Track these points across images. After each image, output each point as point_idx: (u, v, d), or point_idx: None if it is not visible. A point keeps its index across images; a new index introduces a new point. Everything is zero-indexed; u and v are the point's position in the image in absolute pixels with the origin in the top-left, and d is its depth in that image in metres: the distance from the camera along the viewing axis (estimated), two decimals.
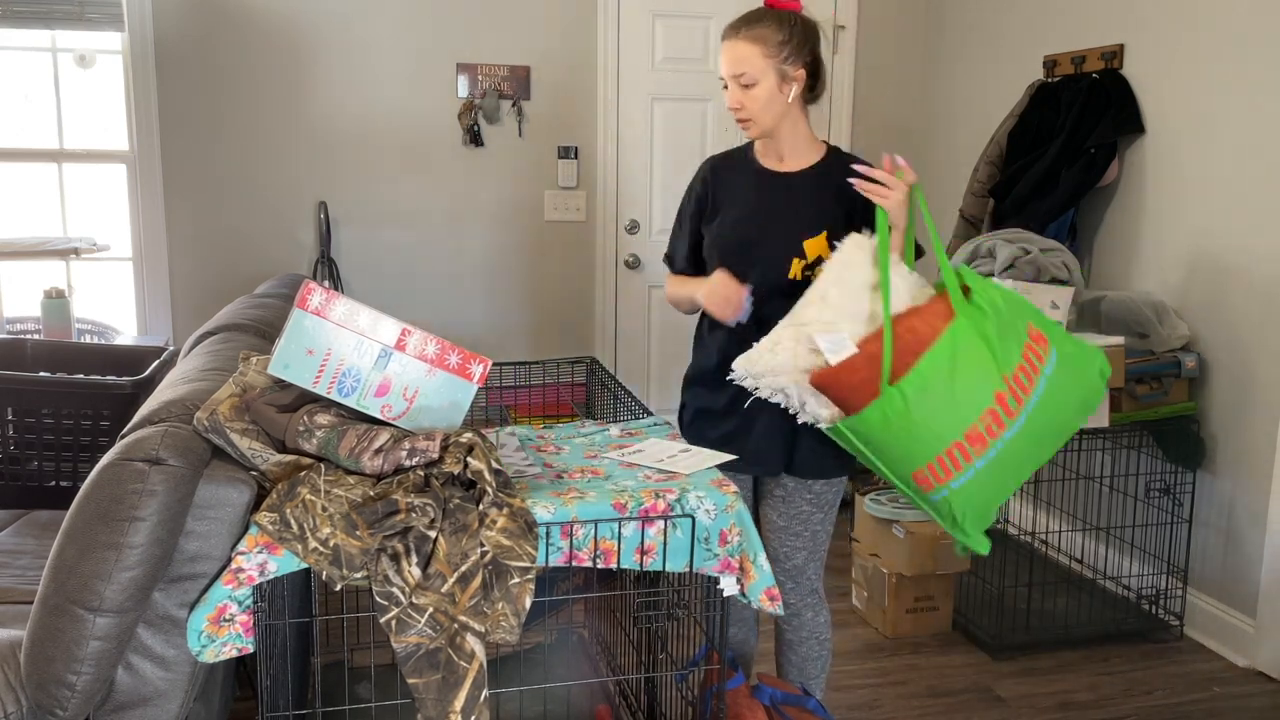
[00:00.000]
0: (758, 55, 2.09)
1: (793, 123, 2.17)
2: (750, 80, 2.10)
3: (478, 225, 4.36)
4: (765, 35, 2.10)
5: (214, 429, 1.77)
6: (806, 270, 2.12)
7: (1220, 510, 3.14)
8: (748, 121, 2.14)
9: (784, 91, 2.11)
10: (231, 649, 1.73)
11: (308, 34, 4.08)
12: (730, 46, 2.11)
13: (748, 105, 2.11)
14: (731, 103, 2.13)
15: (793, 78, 2.11)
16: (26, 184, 4.07)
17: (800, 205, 2.16)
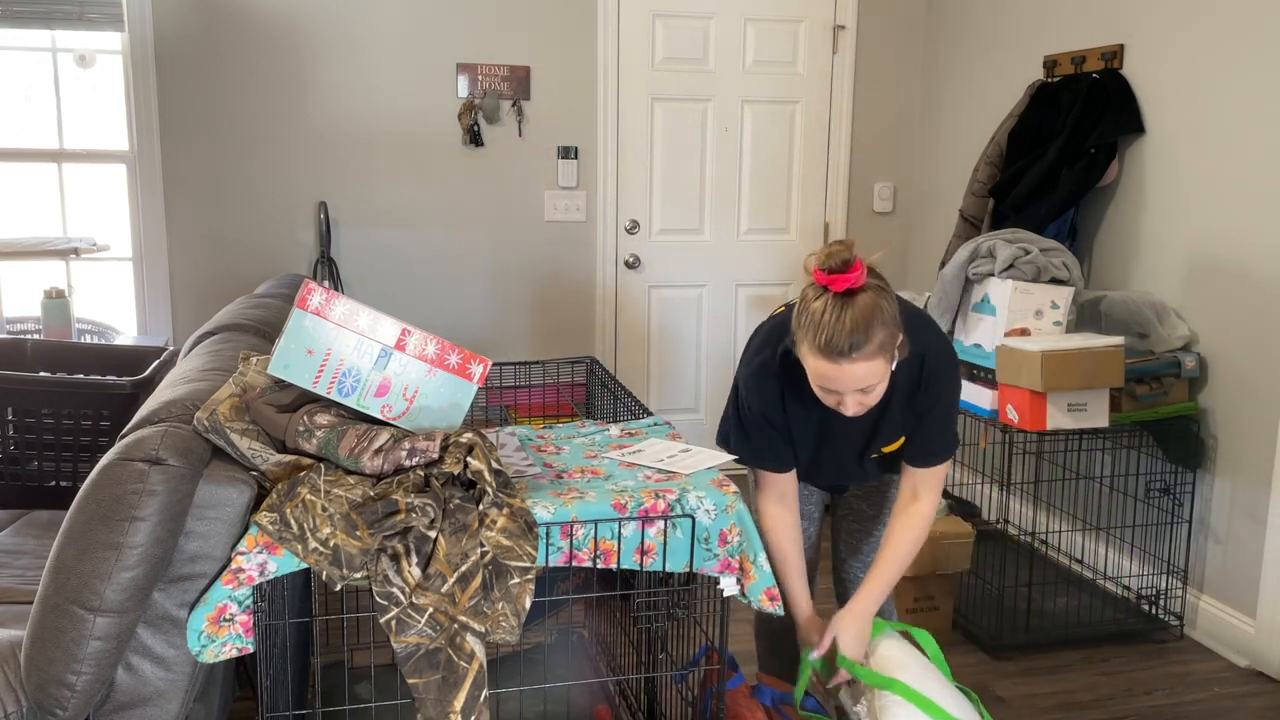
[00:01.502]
0: (882, 364, 1.88)
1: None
2: (875, 384, 1.90)
3: (478, 225, 4.36)
4: (884, 342, 1.86)
5: (214, 429, 1.77)
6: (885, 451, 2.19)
7: (1220, 510, 3.14)
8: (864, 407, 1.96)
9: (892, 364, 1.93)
10: (231, 649, 1.73)
11: (308, 34, 4.08)
12: (847, 369, 1.85)
13: (868, 402, 1.93)
14: (852, 410, 1.93)
15: (899, 348, 1.93)
16: (26, 184, 4.07)
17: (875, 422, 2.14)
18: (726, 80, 4.48)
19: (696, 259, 4.60)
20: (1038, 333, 3.09)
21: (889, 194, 4.71)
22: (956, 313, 3.27)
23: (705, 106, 4.49)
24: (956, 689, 2.18)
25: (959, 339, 3.26)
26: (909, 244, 4.78)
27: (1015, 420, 3.00)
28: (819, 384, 1.90)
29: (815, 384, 1.92)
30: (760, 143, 4.56)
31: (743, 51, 4.47)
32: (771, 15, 4.47)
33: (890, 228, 4.75)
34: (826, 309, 1.83)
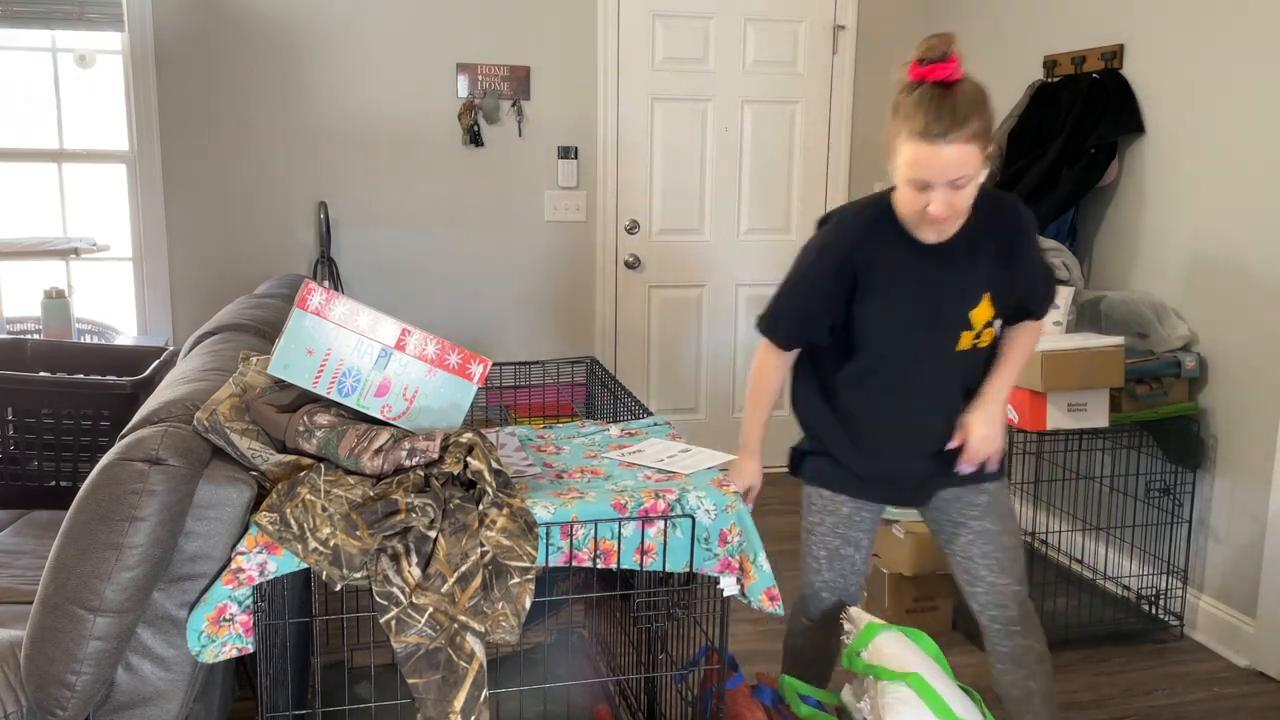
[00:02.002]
0: (977, 154, 1.80)
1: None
2: (967, 181, 1.82)
3: (478, 225, 4.36)
4: (980, 129, 1.81)
5: (214, 429, 1.77)
6: (976, 340, 2.04)
7: (1220, 510, 3.14)
8: (949, 219, 1.88)
9: (982, 175, 1.86)
10: (231, 649, 1.73)
11: (307, 34, 4.08)
12: (944, 151, 1.79)
13: (957, 206, 1.85)
14: (942, 211, 1.84)
15: (989, 156, 1.86)
16: (26, 184, 4.07)
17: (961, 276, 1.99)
18: (726, 80, 4.48)
19: (696, 259, 4.60)
20: None
21: None
22: None
23: (705, 106, 4.49)
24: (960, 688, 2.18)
25: None
26: None
27: (1015, 420, 3.00)
28: (911, 176, 1.85)
29: (907, 181, 1.87)
30: (760, 143, 4.56)
31: (743, 51, 4.47)
32: (771, 15, 4.47)
33: None
34: (925, 96, 1.81)
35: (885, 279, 1.98)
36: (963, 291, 1.99)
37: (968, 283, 1.98)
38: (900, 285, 1.99)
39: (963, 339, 2.02)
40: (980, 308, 2.00)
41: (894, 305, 2.00)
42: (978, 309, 2.00)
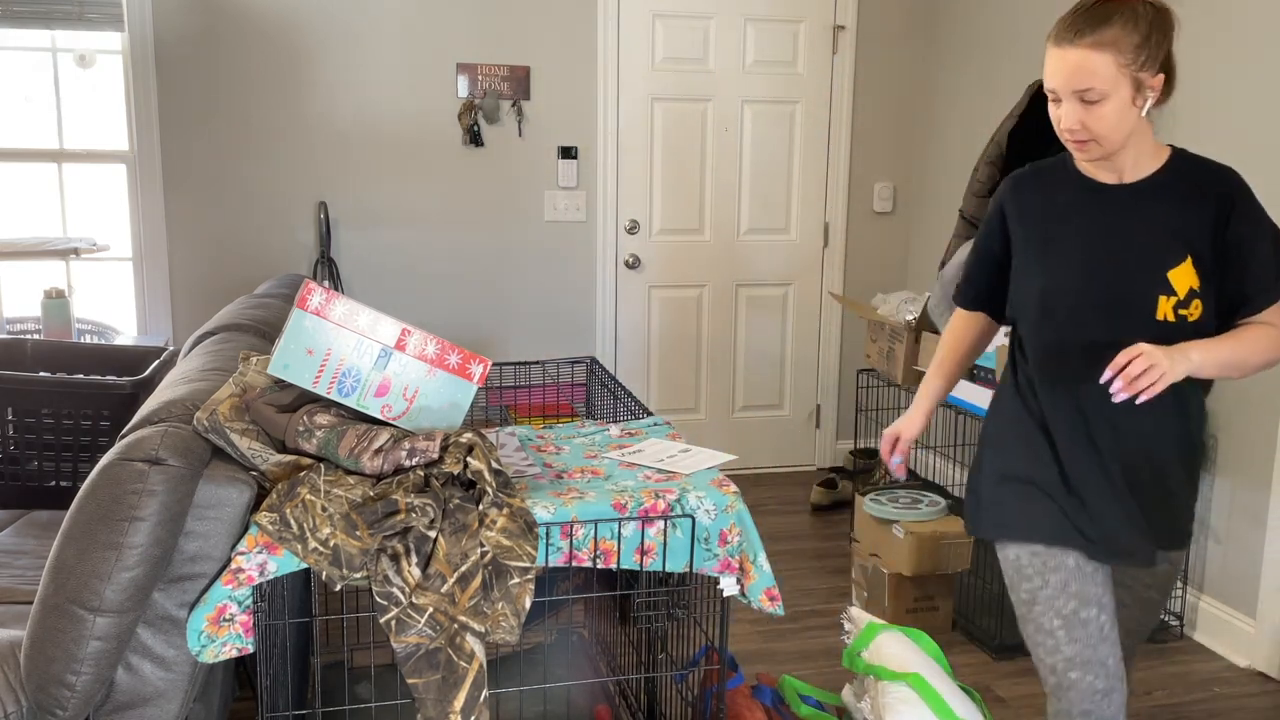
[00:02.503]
0: (1109, 65, 1.65)
1: (1140, 136, 1.74)
2: (1099, 96, 1.66)
3: (478, 225, 4.36)
4: (1119, 40, 1.65)
5: (214, 429, 1.77)
6: (1180, 309, 1.71)
7: (1220, 510, 3.14)
8: (1087, 143, 1.71)
9: (1138, 105, 1.69)
10: (231, 649, 1.73)
11: (307, 34, 4.08)
12: (1069, 55, 1.67)
13: (1092, 125, 1.68)
14: (1069, 124, 1.70)
15: (1149, 86, 1.68)
16: (26, 184, 4.07)
17: (1155, 227, 1.73)
18: (726, 80, 4.48)
19: (696, 259, 4.60)
20: None
21: (889, 194, 4.71)
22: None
23: (705, 106, 4.49)
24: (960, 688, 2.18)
25: None
26: (909, 244, 4.78)
27: None
28: (1047, 86, 1.74)
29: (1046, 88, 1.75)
30: (760, 143, 4.56)
31: (743, 51, 4.47)
32: (771, 15, 4.47)
33: (890, 228, 4.75)
34: (1078, 5, 1.72)
35: (1048, 217, 1.80)
36: (1156, 242, 1.73)
37: (1163, 233, 1.73)
38: (1064, 223, 1.79)
39: (1160, 304, 1.71)
40: (1182, 269, 1.71)
41: (1062, 247, 1.78)
42: (1179, 269, 1.71)
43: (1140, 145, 1.75)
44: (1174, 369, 1.61)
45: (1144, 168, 1.76)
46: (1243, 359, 1.69)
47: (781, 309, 4.71)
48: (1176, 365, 1.62)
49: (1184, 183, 1.73)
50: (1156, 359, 1.60)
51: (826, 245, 4.70)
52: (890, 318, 3.57)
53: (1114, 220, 1.76)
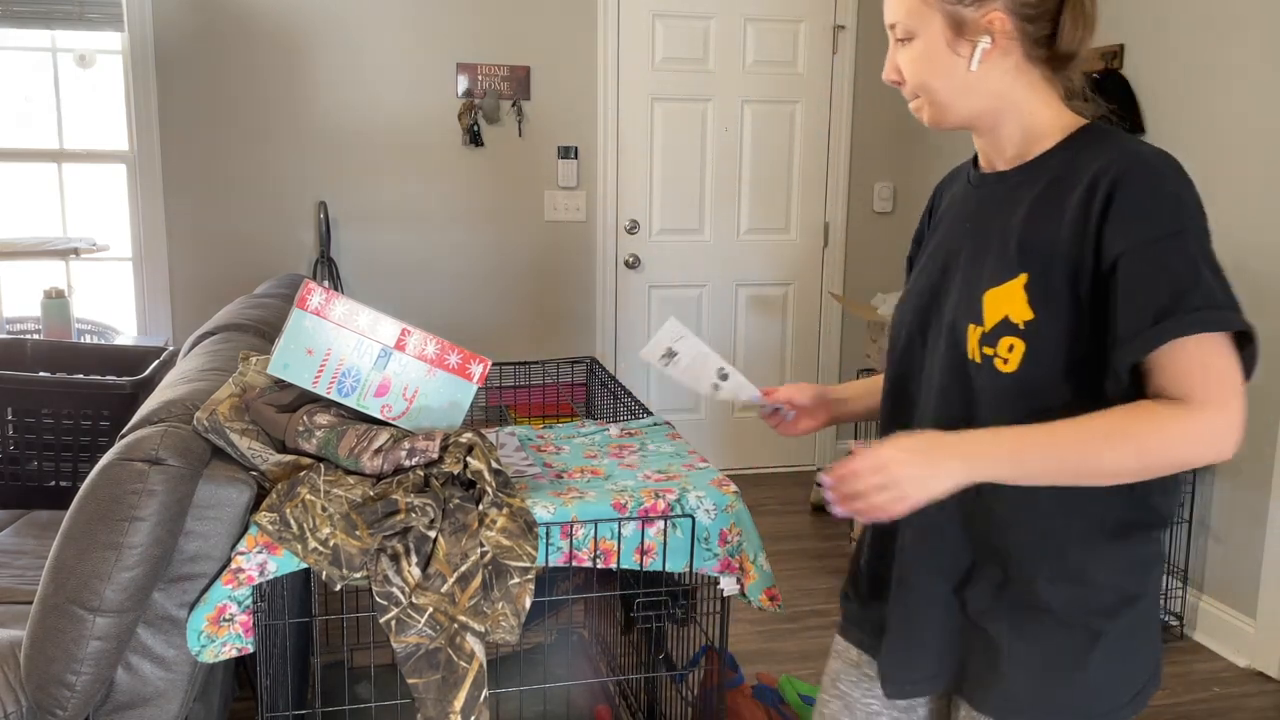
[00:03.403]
0: (920, 6, 1.24)
1: (1012, 104, 1.25)
2: (904, 33, 1.26)
3: (478, 225, 4.36)
4: None
5: (214, 429, 1.77)
6: (985, 345, 1.20)
7: (1220, 510, 3.14)
8: (917, 101, 1.29)
9: (961, 52, 1.22)
10: (231, 649, 1.73)
11: (308, 34, 4.08)
12: None
13: (905, 72, 1.28)
14: (885, 70, 1.31)
15: (981, 28, 1.21)
16: (26, 184, 4.07)
17: (1005, 229, 1.23)
18: (726, 80, 4.48)
19: (696, 259, 4.60)
20: None
21: (889, 194, 4.71)
22: None
23: (705, 106, 4.49)
24: None
25: None
26: (909, 244, 4.78)
27: None
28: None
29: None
30: (760, 143, 4.56)
31: (743, 51, 4.47)
32: (771, 15, 4.46)
33: (890, 228, 4.75)
34: None
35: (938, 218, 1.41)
36: (993, 250, 1.24)
37: (1004, 237, 1.23)
38: (939, 225, 1.39)
39: (970, 337, 1.22)
40: (1005, 290, 1.19)
41: (923, 257, 1.39)
42: (1000, 289, 1.19)
43: (1030, 118, 1.25)
44: (910, 493, 1.11)
45: (1031, 148, 1.26)
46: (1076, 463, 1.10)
47: (781, 309, 4.71)
48: (917, 488, 1.11)
49: (1064, 170, 1.20)
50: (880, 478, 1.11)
51: (826, 245, 4.70)
52: (890, 318, 3.57)
53: (973, 221, 1.30)
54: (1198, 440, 1.07)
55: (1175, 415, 1.08)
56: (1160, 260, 1.09)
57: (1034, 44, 1.23)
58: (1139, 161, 1.12)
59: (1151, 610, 1.22)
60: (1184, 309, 1.07)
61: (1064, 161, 1.21)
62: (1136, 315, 1.09)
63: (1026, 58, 1.24)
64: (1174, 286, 1.08)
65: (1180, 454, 1.08)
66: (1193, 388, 1.08)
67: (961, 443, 1.13)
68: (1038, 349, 1.16)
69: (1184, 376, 1.08)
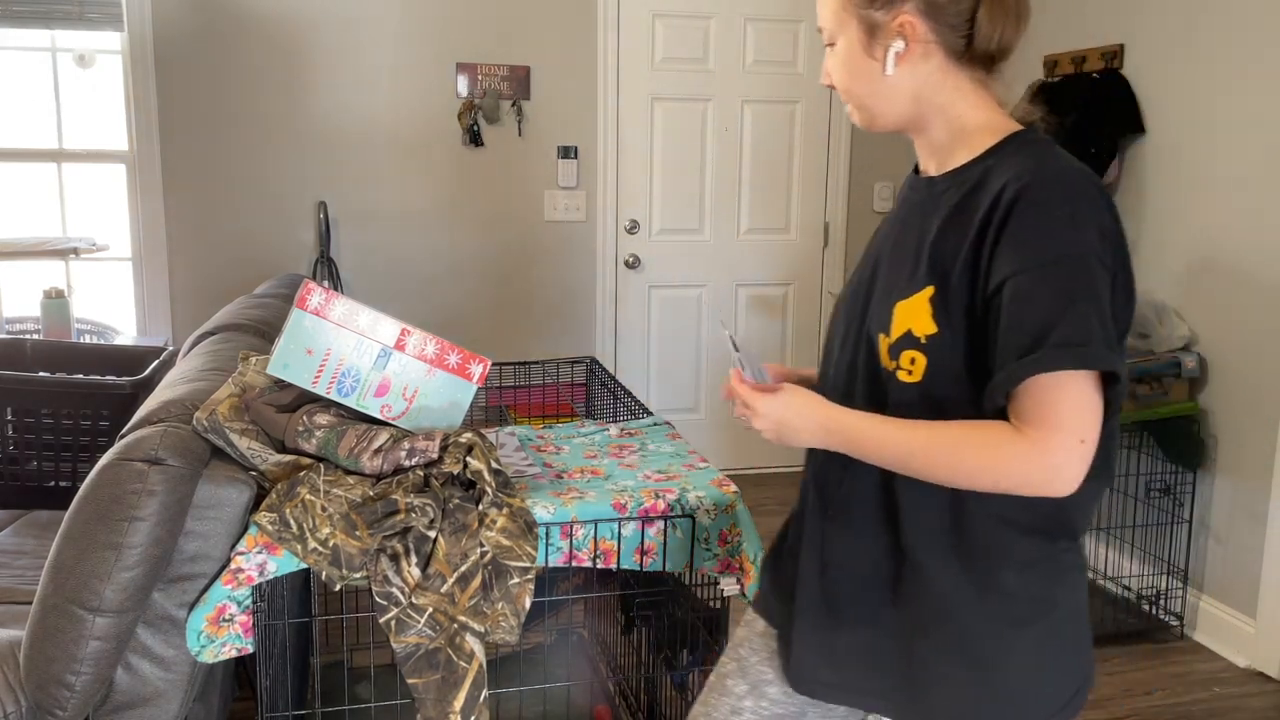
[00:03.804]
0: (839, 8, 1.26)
1: (936, 108, 1.25)
2: (828, 36, 1.29)
3: (478, 225, 4.36)
4: None
5: (213, 429, 1.77)
6: (892, 356, 1.21)
7: (1220, 510, 3.14)
8: (849, 106, 1.31)
9: (877, 56, 1.23)
10: (231, 649, 1.73)
11: (308, 34, 4.08)
12: None
13: (832, 74, 1.30)
14: (822, 76, 1.33)
15: (892, 31, 1.21)
16: (26, 184, 4.07)
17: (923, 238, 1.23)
18: (726, 80, 4.48)
19: (696, 259, 4.60)
20: None
21: (889, 194, 4.71)
22: None
23: (705, 106, 4.49)
24: None
25: None
26: None
27: None
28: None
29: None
30: (760, 143, 4.56)
31: (743, 51, 4.47)
32: (771, 15, 4.46)
33: None
34: None
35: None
36: (909, 258, 1.23)
37: (920, 247, 1.22)
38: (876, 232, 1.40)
39: (881, 347, 1.23)
40: (914, 302, 1.19)
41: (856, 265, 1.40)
42: (910, 301, 1.19)
43: (957, 122, 1.25)
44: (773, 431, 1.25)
45: (959, 154, 1.25)
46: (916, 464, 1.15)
47: (781, 309, 4.71)
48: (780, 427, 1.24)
49: (983, 178, 1.19)
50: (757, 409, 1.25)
51: (826, 245, 4.70)
52: None
53: (901, 225, 1.30)
54: (1025, 469, 1.10)
55: (1012, 441, 1.10)
56: (1034, 290, 1.09)
57: (954, 45, 1.22)
58: (1040, 179, 1.12)
59: (1073, 620, 1.23)
60: (1044, 344, 1.07)
61: (985, 170, 1.19)
62: (1004, 350, 1.11)
63: (951, 60, 1.23)
64: (1041, 320, 1.08)
65: (1005, 479, 1.11)
66: (1038, 419, 1.09)
67: (831, 413, 1.23)
68: (939, 363, 1.17)
69: (1032, 407, 1.10)
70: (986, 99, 1.26)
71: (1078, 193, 1.11)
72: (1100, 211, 1.11)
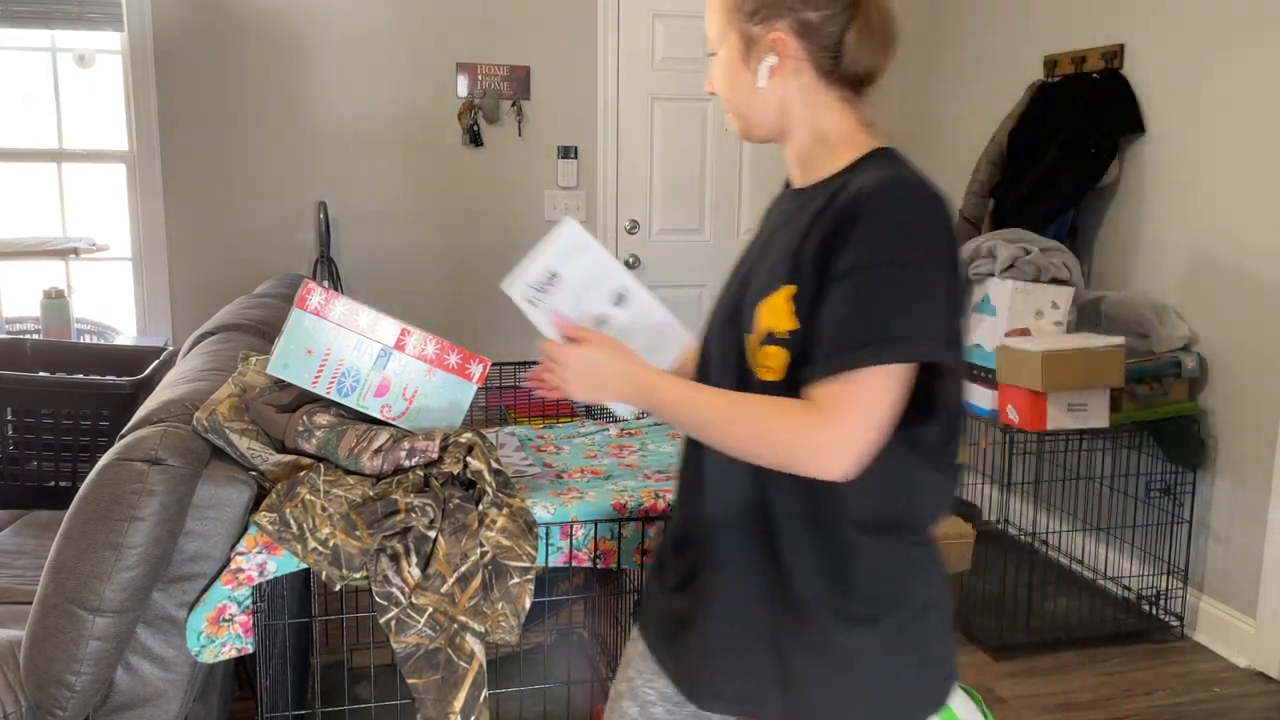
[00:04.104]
0: (716, 9, 1.32)
1: (802, 122, 1.31)
2: (711, 46, 1.35)
3: (478, 225, 4.36)
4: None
5: (213, 429, 1.77)
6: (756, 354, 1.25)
7: (1220, 510, 3.14)
8: (729, 114, 1.37)
9: (752, 68, 1.29)
10: (231, 649, 1.73)
11: (308, 34, 4.08)
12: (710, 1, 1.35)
13: (713, 81, 1.36)
14: (706, 83, 1.38)
15: (766, 46, 1.27)
16: (26, 184, 4.07)
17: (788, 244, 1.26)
18: None
19: (696, 259, 4.59)
20: (1038, 333, 3.09)
21: None
22: None
23: (705, 106, 4.49)
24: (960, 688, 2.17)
25: None
26: None
27: (1016, 420, 3.00)
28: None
29: None
30: None
31: None
32: None
33: None
34: None
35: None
36: (773, 263, 1.28)
37: (783, 252, 1.26)
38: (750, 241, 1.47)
39: (748, 346, 1.27)
40: (775, 300, 1.23)
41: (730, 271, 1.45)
42: (771, 299, 1.24)
43: (822, 138, 1.31)
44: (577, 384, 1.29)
45: (823, 168, 1.30)
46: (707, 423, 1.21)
47: None
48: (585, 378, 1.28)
49: (840, 189, 1.23)
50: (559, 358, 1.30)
51: None
52: None
53: (767, 234, 1.36)
54: (804, 446, 1.14)
55: (798, 419, 1.15)
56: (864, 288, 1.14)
57: (823, 64, 1.28)
58: (883, 189, 1.17)
59: (930, 617, 1.26)
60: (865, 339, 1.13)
61: (844, 181, 1.24)
62: (826, 340, 1.15)
63: (820, 78, 1.29)
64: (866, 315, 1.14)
65: (784, 454, 1.16)
66: (836, 405, 1.14)
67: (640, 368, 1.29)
68: (799, 358, 1.20)
69: (837, 393, 1.14)
70: (851, 117, 1.33)
71: (921, 203, 1.16)
72: (937, 219, 1.17)
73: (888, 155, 1.27)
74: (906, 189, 1.17)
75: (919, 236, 1.15)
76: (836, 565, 1.22)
